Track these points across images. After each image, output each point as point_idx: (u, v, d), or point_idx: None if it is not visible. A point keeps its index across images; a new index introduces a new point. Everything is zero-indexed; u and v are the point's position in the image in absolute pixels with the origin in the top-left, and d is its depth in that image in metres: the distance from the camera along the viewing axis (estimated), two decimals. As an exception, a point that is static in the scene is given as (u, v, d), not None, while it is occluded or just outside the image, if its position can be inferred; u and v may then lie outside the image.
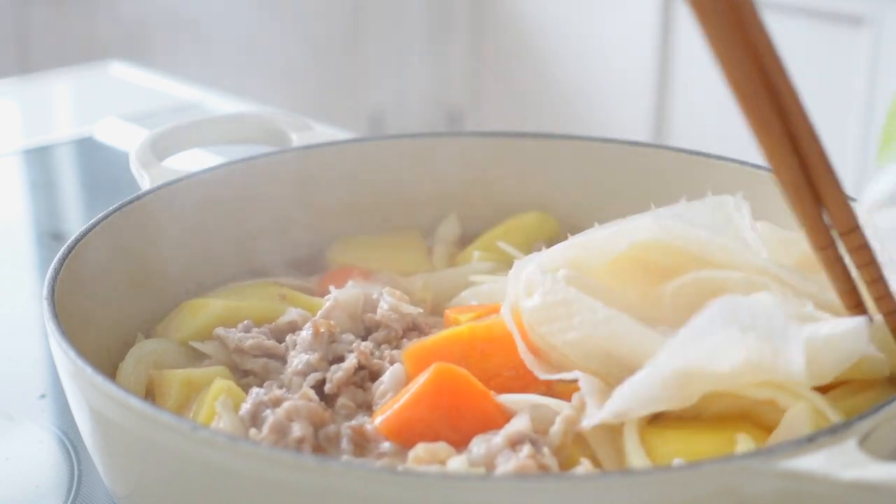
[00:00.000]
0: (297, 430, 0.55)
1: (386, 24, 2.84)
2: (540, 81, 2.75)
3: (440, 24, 2.90)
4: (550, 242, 0.80)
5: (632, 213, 0.80)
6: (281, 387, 0.61)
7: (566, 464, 0.54)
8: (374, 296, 0.67)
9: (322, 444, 0.56)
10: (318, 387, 0.60)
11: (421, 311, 0.66)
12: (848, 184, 0.96)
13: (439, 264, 0.78)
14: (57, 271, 0.60)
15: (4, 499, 0.65)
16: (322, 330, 0.63)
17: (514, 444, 0.53)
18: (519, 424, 0.54)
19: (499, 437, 0.53)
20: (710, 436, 0.53)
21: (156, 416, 0.48)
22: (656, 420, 0.55)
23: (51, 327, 0.55)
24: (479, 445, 0.53)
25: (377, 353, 0.63)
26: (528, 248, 0.78)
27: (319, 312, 0.65)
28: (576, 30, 2.66)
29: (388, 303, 0.66)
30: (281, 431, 0.55)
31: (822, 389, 0.56)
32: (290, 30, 2.66)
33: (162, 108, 1.31)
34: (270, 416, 0.56)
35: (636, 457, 0.52)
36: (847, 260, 0.55)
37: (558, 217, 0.81)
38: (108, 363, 0.65)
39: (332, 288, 0.67)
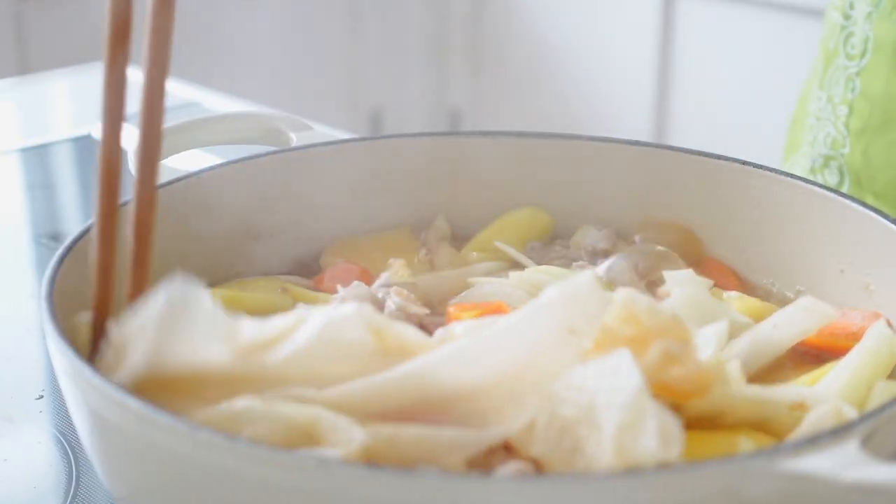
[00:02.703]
0: None
1: (386, 24, 2.84)
2: (540, 82, 2.75)
3: (440, 25, 2.90)
4: (544, 239, 0.80)
5: (630, 213, 0.80)
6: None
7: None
8: (380, 295, 0.67)
9: None
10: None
11: (428, 311, 0.66)
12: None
13: (434, 265, 0.78)
14: (55, 271, 0.60)
15: (2, 499, 0.65)
16: None
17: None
18: None
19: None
20: (719, 440, 0.53)
21: (154, 417, 0.48)
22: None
23: (48, 328, 0.55)
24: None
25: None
26: (522, 245, 0.78)
27: None
28: (576, 30, 2.66)
29: (395, 303, 0.65)
30: None
31: None
32: (289, 29, 2.66)
33: (161, 108, 1.31)
34: None
35: None
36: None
37: (555, 216, 0.81)
38: (106, 363, 0.64)
39: (339, 287, 0.67)
